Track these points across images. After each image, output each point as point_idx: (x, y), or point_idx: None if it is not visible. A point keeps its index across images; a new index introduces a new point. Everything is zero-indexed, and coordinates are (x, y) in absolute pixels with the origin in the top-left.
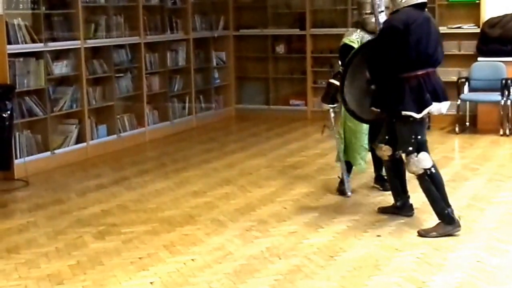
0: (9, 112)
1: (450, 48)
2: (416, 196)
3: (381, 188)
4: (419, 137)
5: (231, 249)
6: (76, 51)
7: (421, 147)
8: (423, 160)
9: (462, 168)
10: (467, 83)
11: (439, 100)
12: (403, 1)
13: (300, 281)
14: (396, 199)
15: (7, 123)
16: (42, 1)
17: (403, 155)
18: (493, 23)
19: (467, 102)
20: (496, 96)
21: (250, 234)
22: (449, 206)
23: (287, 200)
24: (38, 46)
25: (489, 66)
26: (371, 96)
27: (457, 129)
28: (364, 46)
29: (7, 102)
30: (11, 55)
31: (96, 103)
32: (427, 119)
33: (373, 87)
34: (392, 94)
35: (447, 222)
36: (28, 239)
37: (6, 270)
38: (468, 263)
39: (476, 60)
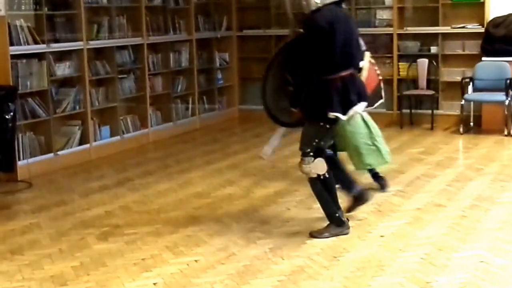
0: (12, 113)
1: (454, 48)
2: (419, 197)
3: (379, 188)
4: (322, 142)
5: (234, 250)
6: (79, 52)
7: (320, 152)
8: (319, 167)
9: (466, 168)
10: (471, 83)
11: (362, 100)
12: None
13: (304, 282)
14: (349, 192)
15: (10, 124)
16: (45, 2)
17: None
18: (497, 22)
19: (471, 102)
20: (500, 96)
21: (253, 235)
22: (339, 208)
23: (291, 201)
24: (40, 47)
25: (493, 66)
26: (289, 97)
27: (461, 129)
28: (284, 47)
29: (9, 104)
30: (14, 56)
31: (99, 104)
32: (333, 128)
33: (291, 88)
34: (318, 96)
35: (337, 223)
36: (31, 240)
37: (10, 272)
38: (472, 264)
39: (480, 60)
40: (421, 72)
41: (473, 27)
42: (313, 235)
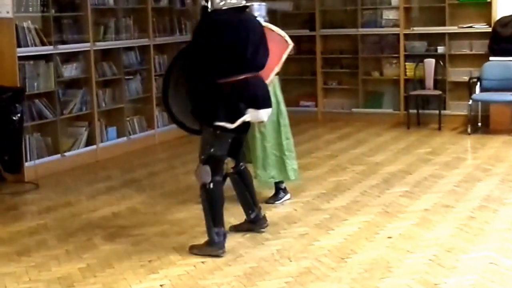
0: (19, 115)
1: (462, 47)
2: (427, 198)
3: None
4: (212, 150)
5: (242, 252)
6: (86, 53)
7: (210, 160)
8: (204, 175)
9: (474, 169)
10: (478, 83)
11: (257, 107)
12: (221, 3)
13: (311, 284)
14: (248, 213)
15: (17, 125)
16: (52, 4)
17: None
18: (504, 22)
19: (479, 102)
20: (508, 96)
21: (260, 236)
22: (219, 226)
23: (298, 202)
24: (47, 49)
25: (501, 66)
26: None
27: (469, 129)
28: (182, 50)
29: (17, 105)
30: (21, 58)
31: (105, 105)
32: (228, 135)
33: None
34: (205, 102)
35: (209, 243)
36: (38, 241)
37: (17, 273)
38: (481, 265)
39: (488, 60)
40: (428, 72)
41: (480, 27)
42: (190, 248)
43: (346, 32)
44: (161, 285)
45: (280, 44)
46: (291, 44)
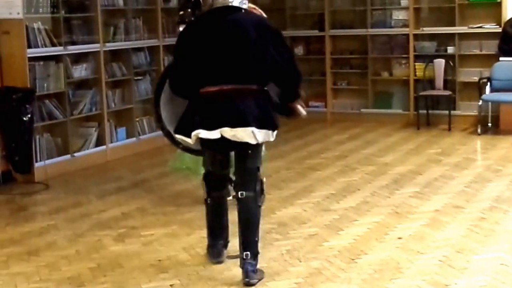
0: (29, 115)
1: (471, 48)
2: (437, 198)
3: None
4: (205, 164)
5: None
6: (96, 54)
7: (205, 175)
8: (202, 188)
9: (484, 170)
10: (488, 84)
11: (229, 124)
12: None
13: (321, 284)
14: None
15: (27, 126)
16: (62, 5)
17: None
18: None
19: (489, 103)
20: None
21: (270, 237)
22: (213, 240)
23: (307, 203)
24: (57, 50)
25: (511, 66)
26: None
27: (479, 130)
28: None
29: (27, 106)
30: (31, 59)
31: (115, 106)
32: (210, 154)
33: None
34: (183, 113)
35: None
36: (48, 242)
37: (28, 273)
38: (492, 266)
39: (498, 60)
40: (438, 72)
41: (490, 27)
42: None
43: (355, 33)
44: (170, 285)
45: None
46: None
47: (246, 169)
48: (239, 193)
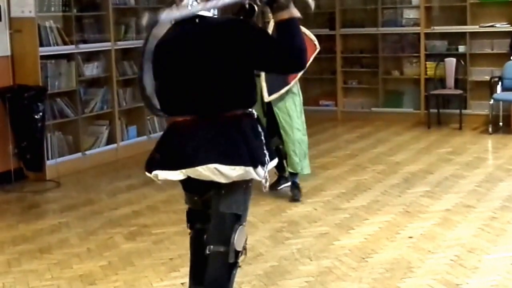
0: (41, 113)
1: (483, 47)
2: (448, 197)
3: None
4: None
5: (262, 250)
6: (107, 52)
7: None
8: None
9: (496, 169)
10: (500, 83)
11: (189, 161)
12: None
13: (332, 283)
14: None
15: (39, 124)
16: (73, 3)
17: None
18: None
19: (500, 102)
20: None
21: (281, 235)
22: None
23: (318, 201)
24: (69, 48)
25: None
26: None
27: (490, 129)
28: None
29: (39, 104)
30: (43, 57)
31: (126, 104)
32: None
33: None
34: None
35: None
36: (60, 239)
37: (39, 270)
38: (503, 265)
39: (510, 59)
40: (449, 71)
41: (502, 26)
42: None
43: (366, 31)
44: (182, 283)
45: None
46: (318, 48)
47: (219, 215)
48: (207, 247)
